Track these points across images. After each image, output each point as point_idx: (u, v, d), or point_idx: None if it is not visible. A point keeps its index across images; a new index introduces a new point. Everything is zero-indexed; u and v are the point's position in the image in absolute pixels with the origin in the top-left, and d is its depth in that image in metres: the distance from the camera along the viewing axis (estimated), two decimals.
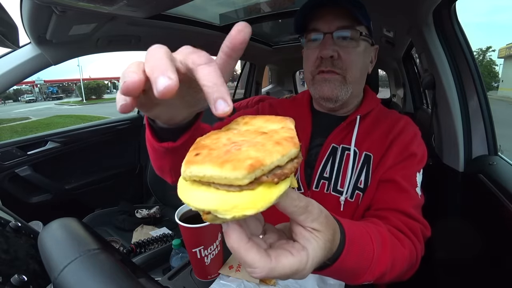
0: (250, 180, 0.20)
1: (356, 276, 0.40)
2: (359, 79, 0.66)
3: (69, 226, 0.34)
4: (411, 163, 0.62)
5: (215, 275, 0.53)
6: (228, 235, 0.25)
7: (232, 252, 0.26)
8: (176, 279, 0.55)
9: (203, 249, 0.50)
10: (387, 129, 0.66)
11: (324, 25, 0.63)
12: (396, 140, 0.63)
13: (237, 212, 0.20)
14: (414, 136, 0.65)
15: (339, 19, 0.62)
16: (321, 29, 0.63)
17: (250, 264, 0.25)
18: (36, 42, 1.14)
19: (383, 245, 0.43)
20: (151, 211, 1.45)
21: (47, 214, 0.65)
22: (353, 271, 0.38)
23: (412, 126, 0.67)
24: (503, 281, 0.74)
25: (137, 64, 0.24)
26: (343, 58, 0.62)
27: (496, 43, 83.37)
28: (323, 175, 0.65)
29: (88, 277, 0.27)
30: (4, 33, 0.76)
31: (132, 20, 1.18)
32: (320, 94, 0.65)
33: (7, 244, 0.42)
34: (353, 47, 0.63)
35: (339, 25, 0.62)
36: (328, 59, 0.62)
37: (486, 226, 0.84)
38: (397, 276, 0.48)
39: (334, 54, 0.61)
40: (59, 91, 39.92)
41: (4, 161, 1.30)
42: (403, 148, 0.62)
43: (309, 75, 0.67)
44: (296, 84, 3.61)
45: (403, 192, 0.58)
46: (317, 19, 0.64)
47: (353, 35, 0.62)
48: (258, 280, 0.49)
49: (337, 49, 0.62)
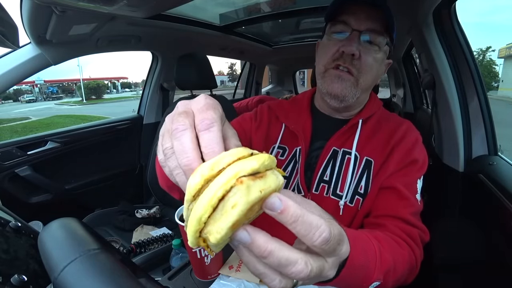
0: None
1: (368, 274, 0.38)
2: (368, 87, 0.65)
3: (69, 226, 0.34)
4: (412, 170, 0.61)
5: (215, 275, 0.53)
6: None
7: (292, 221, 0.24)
8: (176, 279, 0.55)
9: (203, 249, 0.50)
10: (388, 134, 0.65)
11: (355, 22, 0.60)
12: (398, 146, 0.62)
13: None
14: (416, 142, 0.64)
15: (371, 21, 0.60)
16: (350, 24, 0.60)
17: (316, 225, 0.24)
18: (36, 42, 1.14)
19: (382, 245, 0.43)
20: (151, 211, 1.45)
21: (47, 214, 0.65)
22: (363, 268, 0.37)
23: (414, 132, 0.66)
24: (503, 281, 0.74)
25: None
26: (362, 60, 0.60)
27: (496, 43, 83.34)
28: (323, 178, 0.64)
29: (88, 277, 0.27)
30: (4, 33, 0.76)
31: (132, 20, 1.18)
32: (329, 90, 0.63)
33: (7, 244, 0.42)
34: (374, 53, 0.61)
35: (369, 27, 0.60)
36: (349, 56, 0.60)
37: (486, 226, 0.84)
38: (399, 278, 0.47)
39: (356, 53, 0.59)
40: (59, 91, 39.92)
41: (4, 161, 1.30)
42: (405, 155, 0.61)
43: (322, 67, 0.64)
44: (296, 84, 3.62)
45: (403, 199, 0.58)
46: (349, 13, 0.61)
47: (379, 41, 0.61)
48: (258, 280, 0.49)
49: (360, 48, 0.60)
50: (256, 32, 2.07)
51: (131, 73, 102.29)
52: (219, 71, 60.56)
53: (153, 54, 1.78)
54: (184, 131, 0.27)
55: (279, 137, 0.70)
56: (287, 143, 0.70)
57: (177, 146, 0.27)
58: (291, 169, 0.68)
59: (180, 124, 0.27)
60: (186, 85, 1.52)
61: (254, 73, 2.84)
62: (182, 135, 0.27)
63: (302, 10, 1.54)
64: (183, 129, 0.27)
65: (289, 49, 2.48)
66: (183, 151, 0.26)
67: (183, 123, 0.27)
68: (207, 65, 1.50)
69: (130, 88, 46.53)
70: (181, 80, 1.49)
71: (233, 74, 48.31)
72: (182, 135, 0.27)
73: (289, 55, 2.67)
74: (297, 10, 1.54)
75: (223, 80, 47.07)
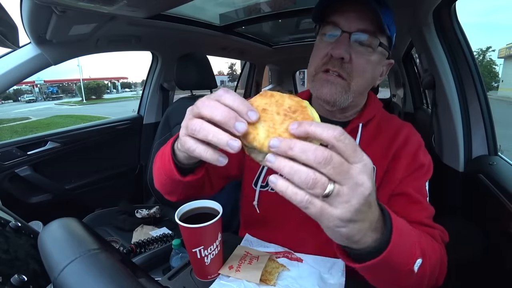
0: None
1: (411, 251, 0.39)
2: (363, 90, 0.62)
3: (69, 226, 0.34)
4: (420, 174, 0.60)
5: (215, 275, 0.53)
6: None
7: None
8: (176, 279, 0.55)
9: (203, 249, 0.50)
10: (389, 139, 0.63)
11: (345, 22, 0.57)
12: (403, 152, 0.61)
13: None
14: (419, 146, 0.62)
15: (362, 21, 0.56)
16: (340, 25, 0.57)
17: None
18: (36, 42, 1.14)
19: (412, 229, 0.43)
20: (151, 211, 1.45)
21: (47, 214, 0.64)
22: (408, 236, 0.38)
23: (415, 135, 0.65)
24: (503, 281, 0.74)
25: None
26: (354, 63, 0.57)
27: (496, 43, 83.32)
28: None
29: (88, 277, 0.27)
30: (4, 33, 0.76)
31: (132, 20, 1.18)
32: (319, 94, 0.60)
33: (7, 244, 0.42)
34: (367, 55, 0.58)
35: (360, 27, 0.56)
36: (338, 59, 0.57)
37: (486, 226, 0.84)
38: (433, 268, 0.46)
39: (346, 57, 0.56)
40: (59, 91, 39.92)
41: (4, 161, 1.30)
42: (412, 160, 0.60)
43: (312, 70, 0.62)
44: (296, 84, 3.62)
45: (417, 203, 0.57)
46: (338, 13, 0.58)
47: (372, 42, 0.57)
48: (258, 280, 0.49)
49: (350, 51, 0.57)
50: (256, 32, 2.07)
51: (131, 73, 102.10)
52: (219, 71, 60.61)
53: (153, 54, 1.77)
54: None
55: None
56: None
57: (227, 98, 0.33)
58: None
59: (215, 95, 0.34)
60: (186, 85, 1.51)
61: (254, 73, 2.84)
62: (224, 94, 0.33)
63: (302, 10, 1.53)
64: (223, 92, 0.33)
65: (289, 49, 2.48)
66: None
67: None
68: (207, 65, 1.50)
69: (130, 88, 46.56)
70: (181, 80, 1.49)
71: (233, 74, 48.32)
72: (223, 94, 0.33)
73: (289, 55, 2.67)
74: (297, 10, 1.54)
75: (223, 80, 47.09)
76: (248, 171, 0.71)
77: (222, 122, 0.31)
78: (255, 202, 0.67)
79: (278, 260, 0.56)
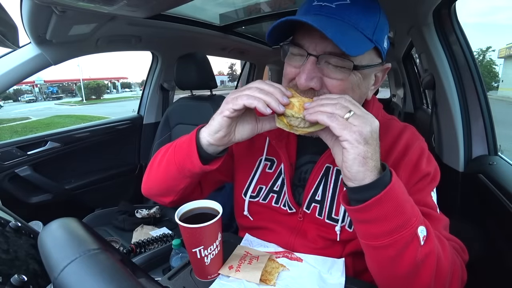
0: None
1: (411, 212, 0.42)
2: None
3: (69, 226, 0.34)
4: (423, 185, 0.54)
5: (215, 275, 0.53)
6: None
7: None
8: (176, 279, 0.55)
9: (203, 249, 0.50)
10: (388, 146, 0.56)
11: (310, 44, 0.48)
12: (403, 161, 0.54)
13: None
14: (422, 153, 0.56)
15: (328, 42, 0.46)
16: (304, 47, 0.49)
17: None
18: (36, 42, 1.14)
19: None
20: (151, 211, 1.45)
21: (47, 214, 0.65)
22: (404, 202, 0.42)
23: (417, 141, 0.57)
24: (503, 280, 0.74)
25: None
26: (329, 87, 0.49)
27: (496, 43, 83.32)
28: (315, 198, 0.58)
29: (88, 277, 0.27)
30: (4, 33, 0.76)
31: (132, 20, 1.18)
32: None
33: (7, 244, 0.42)
34: (343, 76, 0.48)
35: (327, 50, 0.47)
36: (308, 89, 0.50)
37: (486, 226, 0.84)
38: (444, 269, 0.45)
39: (316, 86, 0.49)
40: (59, 91, 39.92)
41: (4, 161, 1.30)
42: (413, 170, 0.54)
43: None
44: None
45: (424, 216, 0.47)
46: (303, 31, 0.50)
47: (345, 64, 0.48)
48: (258, 280, 0.49)
49: (321, 76, 0.49)
50: (256, 32, 2.07)
51: (131, 73, 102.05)
52: (219, 71, 60.62)
53: (153, 54, 1.78)
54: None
55: (265, 148, 0.65)
56: (274, 154, 0.64)
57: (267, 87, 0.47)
58: (280, 183, 0.62)
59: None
60: (186, 85, 1.52)
61: (254, 73, 2.84)
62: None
63: None
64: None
65: None
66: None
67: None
68: (207, 65, 1.50)
69: (130, 88, 46.58)
70: (181, 80, 1.49)
71: (233, 74, 48.30)
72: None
73: None
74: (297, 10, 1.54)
75: (223, 80, 47.12)
76: (238, 181, 0.69)
77: (272, 92, 0.46)
78: (245, 212, 0.65)
79: (278, 260, 0.56)
